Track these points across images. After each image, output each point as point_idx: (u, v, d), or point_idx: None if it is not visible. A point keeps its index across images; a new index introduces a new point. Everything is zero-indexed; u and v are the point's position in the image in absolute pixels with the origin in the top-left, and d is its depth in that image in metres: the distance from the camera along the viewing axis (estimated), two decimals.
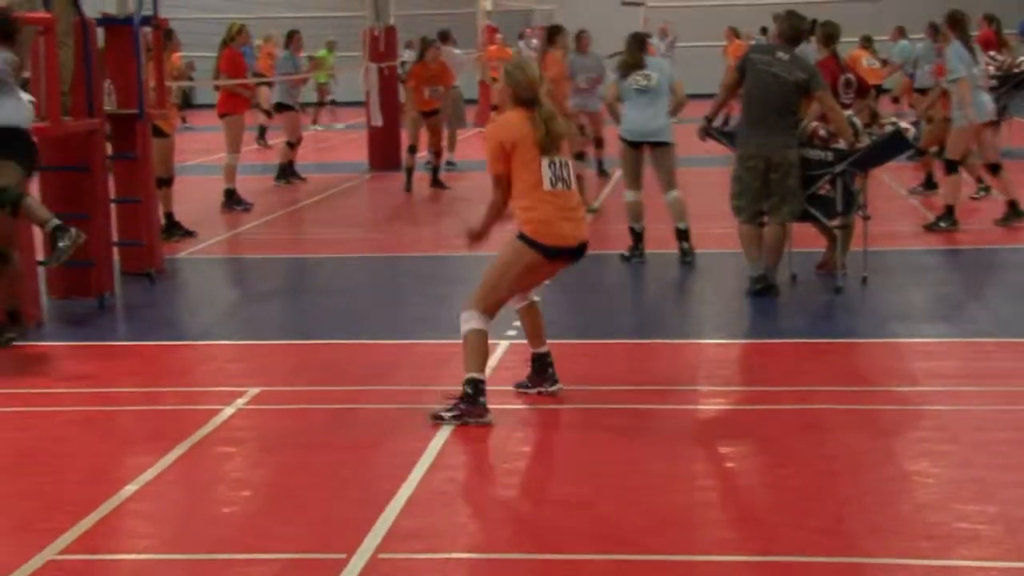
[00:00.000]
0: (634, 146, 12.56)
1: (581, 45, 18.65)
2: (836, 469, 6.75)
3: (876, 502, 6.28)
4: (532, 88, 7.61)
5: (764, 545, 5.78)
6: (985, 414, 7.72)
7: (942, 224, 14.02)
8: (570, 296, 10.91)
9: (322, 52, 30.40)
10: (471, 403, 7.52)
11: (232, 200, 17.43)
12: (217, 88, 18.24)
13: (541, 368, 8.09)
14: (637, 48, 13.06)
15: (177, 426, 7.74)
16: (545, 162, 7.55)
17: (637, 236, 12.55)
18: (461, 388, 7.57)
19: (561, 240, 7.63)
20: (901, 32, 26.96)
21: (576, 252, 7.79)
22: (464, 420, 7.49)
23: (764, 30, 29.99)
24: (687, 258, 12.33)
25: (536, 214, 7.57)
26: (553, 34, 16.34)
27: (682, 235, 12.40)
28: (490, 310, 7.74)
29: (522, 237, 7.62)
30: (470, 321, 7.66)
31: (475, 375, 7.57)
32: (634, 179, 12.65)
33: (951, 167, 14.11)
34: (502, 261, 7.73)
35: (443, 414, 7.52)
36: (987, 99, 14.58)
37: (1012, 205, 14.25)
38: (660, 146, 12.50)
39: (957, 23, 14.84)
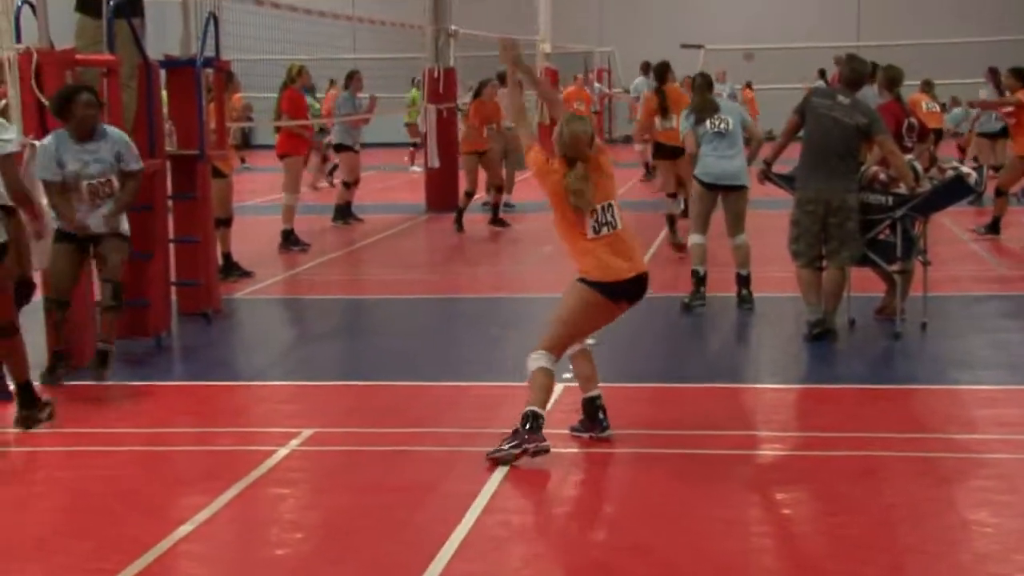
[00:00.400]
0: (710, 188, 12.51)
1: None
2: (894, 518, 6.69)
3: (935, 552, 6.22)
4: (574, 147, 7.67)
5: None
6: None
7: (982, 231, 14.09)
8: (630, 340, 10.84)
9: (412, 92, 30.28)
10: (531, 431, 7.53)
11: (289, 240, 17.51)
12: (277, 129, 18.35)
13: (592, 412, 8.08)
14: (708, 90, 13.08)
15: (232, 467, 7.75)
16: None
17: (700, 280, 12.47)
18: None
19: (616, 275, 7.70)
20: (955, 101, 26.82)
21: (635, 285, 7.80)
22: (523, 448, 7.49)
23: (823, 72, 29.94)
24: (746, 305, 12.28)
25: (588, 259, 7.71)
26: (664, 70, 16.07)
27: (744, 281, 12.36)
28: (556, 351, 7.82)
29: (581, 279, 7.69)
30: (538, 360, 7.75)
31: (535, 408, 7.61)
32: (704, 222, 12.58)
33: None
34: (566, 304, 7.85)
35: (502, 446, 7.54)
36: None
37: None
38: (735, 190, 12.47)
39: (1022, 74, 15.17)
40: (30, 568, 6.34)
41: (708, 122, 12.60)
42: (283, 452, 8.03)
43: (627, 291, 7.78)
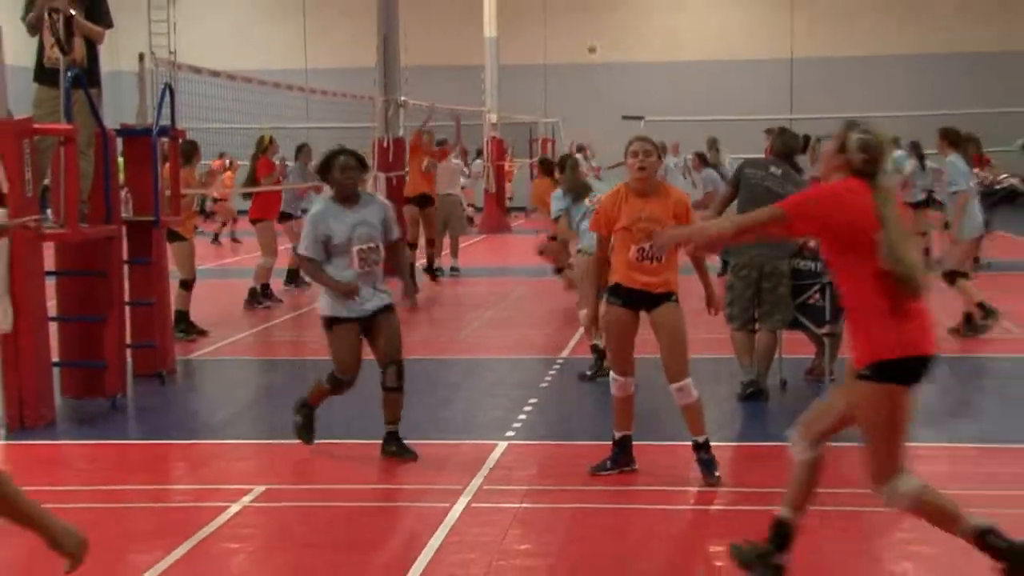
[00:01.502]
0: None
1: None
2: (822, 569, 6.75)
3: None
4: None
5: None
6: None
7: (967, 333, 13.94)
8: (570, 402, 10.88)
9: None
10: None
11: (256, 298, 17.84)
12: (248, 195, 18.57)
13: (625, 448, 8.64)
14: (576, 170, 13.36)
15: (184, 523, 7.74)
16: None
17: (600, 351, 12.45)
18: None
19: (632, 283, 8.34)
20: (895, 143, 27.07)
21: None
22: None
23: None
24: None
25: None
26: (713, 145, 15.83)
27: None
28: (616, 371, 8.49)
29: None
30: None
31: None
32: (597, 295, 12.63)
33: (954, 278, 14.03)
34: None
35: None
36: (978, 211, 14.66)
37: (969, 316, 14.16)
38: None
39: (953, 137, 14.97)
40: None
41: (587, 200, 12.70)
42: (235, 508, 8.02)
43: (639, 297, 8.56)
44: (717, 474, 8.38)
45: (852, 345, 6.10)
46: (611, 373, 8.67)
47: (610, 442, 8.58)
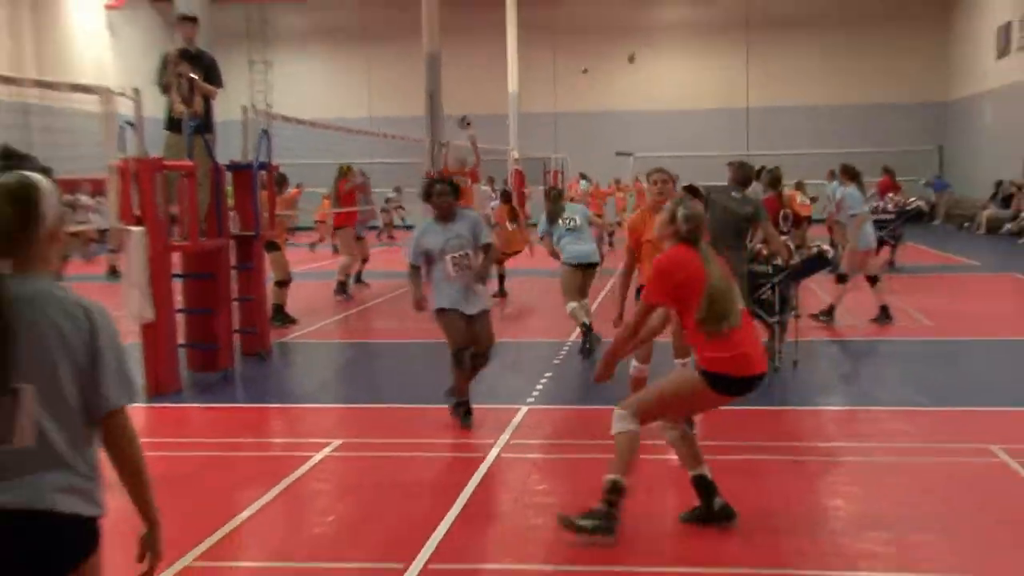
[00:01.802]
0: (575, 267, 12.77)
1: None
2: (770, 506, 6.80)
3: (804, 531, 6.31)
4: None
5: (710, 545, 5.85)
6: (880, 464, 7.77)
7: (822, 318, 14.12)
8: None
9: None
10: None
11: (343, 289, 18.30)
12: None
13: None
14: (559, 199, 13.70)
15: (279, 468, 7.82)
16: None
17: (588, 327, 12.54)
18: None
19: None
20: (832, 175, 27.00)
21: None
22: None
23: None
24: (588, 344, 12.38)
25: None
26: (776, 177, 15.60)
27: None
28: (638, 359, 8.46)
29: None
30: None
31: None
32: (576, 292, 12.71)
33: (843, 278, 14.20)
34: None
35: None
36: (871, 231, 14.74)
37: (884, 309, 14.29)
38: (591, 266, 12.81)
39: (852, 172, 15.19)
40: (132, 534, 6.39)
41: (560, 221, 12.89)
42: (318, 457, 8.11)
43: None
44: (695, 431, 8.40)
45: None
46: (632, 361, 8.59)
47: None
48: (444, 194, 9.04)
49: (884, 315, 14.19)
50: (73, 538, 3.02)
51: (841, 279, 14.18)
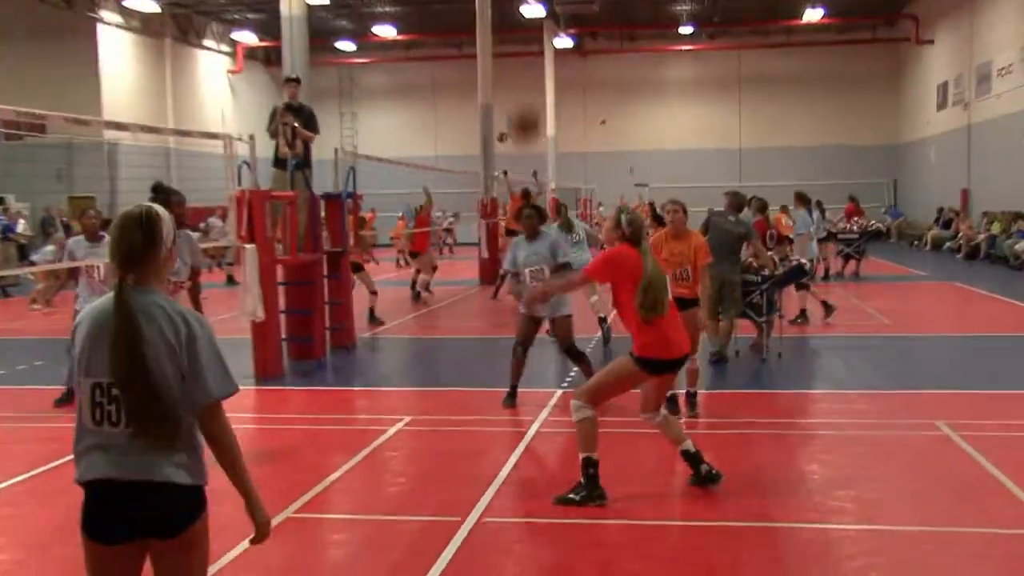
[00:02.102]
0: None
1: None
2: (760, 471, 6.69)
3: (785, 492, 6.21)
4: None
5: (714, 503, 5.76)
6: (851, 436, 7.62)
7: (799, 320, 13.87)
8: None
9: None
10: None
11: (419, 297, 18.36)
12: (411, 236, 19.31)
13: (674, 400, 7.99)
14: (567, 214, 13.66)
15: (360, 439, 7.80)
16: None
17: (603, 319, 12.61)
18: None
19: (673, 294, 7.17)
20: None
21: None
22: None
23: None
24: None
25: None
26: (763, 205, 15.39)
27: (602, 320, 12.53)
28: None
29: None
30: None
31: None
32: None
33: (801, 286, 13.88)
34: None
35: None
36: (815, 246, 14.79)
37: (826, 305, 14.12)
38: None
39: (804, 198, 15.30)
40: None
41: (572, 235, 12.95)
42: (392, 431, 8.07)
43: None
44: (697, 411, 8.34)
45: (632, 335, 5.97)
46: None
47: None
48: (531, 217, 8.92)
49: (802, 316, 13.95)
50: (184, 502, 2.98)
51: (800, 287, 13.93)
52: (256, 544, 3.19)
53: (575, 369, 10.73)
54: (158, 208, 3.06)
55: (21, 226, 25.50)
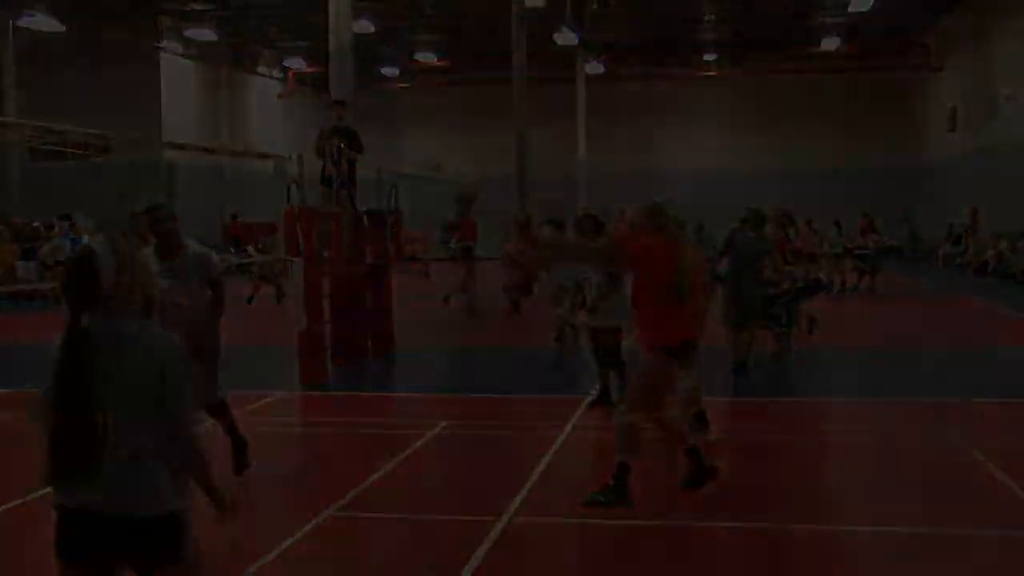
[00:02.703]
0: None
1: None
2: (780, 466, 6.60)
3: (800, 486, 6.11)
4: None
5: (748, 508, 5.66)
6: (863, 440, 7.53)
7: (814, 330, 13.60)
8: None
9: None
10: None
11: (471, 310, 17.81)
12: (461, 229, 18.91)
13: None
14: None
15: (400, 441, 7.75)
16: None
17: None
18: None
19: None
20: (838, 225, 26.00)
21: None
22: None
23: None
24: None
25: None
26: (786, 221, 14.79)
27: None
28: None
29: None
30: None
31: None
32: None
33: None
34: None
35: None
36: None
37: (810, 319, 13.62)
38: None
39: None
40: (286, 489, 6.43)
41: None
42: (430, 434, 8.02)
43: None
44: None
45: (640, 332, 5.84)
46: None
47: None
48: (586, 228, 8.61)
49: (813, 324, 13.49)
50: (165, 528, 2.89)
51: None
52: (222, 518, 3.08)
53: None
54: (94, 247, 2.92)
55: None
